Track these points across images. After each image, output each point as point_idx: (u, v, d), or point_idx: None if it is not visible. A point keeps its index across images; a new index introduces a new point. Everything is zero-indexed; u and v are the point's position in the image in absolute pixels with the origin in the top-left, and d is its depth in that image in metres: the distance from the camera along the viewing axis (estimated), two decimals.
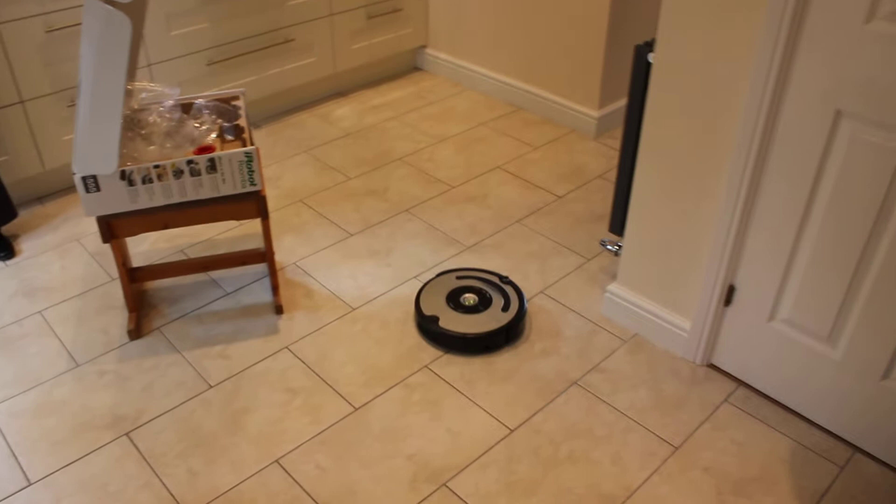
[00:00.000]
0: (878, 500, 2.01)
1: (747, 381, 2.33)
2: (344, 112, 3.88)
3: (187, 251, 2.88)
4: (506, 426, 2.19)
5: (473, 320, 2.45)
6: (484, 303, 2.52)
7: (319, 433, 2.17)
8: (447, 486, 2.03)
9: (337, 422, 2.20)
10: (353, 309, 2.60)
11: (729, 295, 2.24)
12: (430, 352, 2.43)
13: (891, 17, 1.66)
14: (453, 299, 2.53)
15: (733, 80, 1.96)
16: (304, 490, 2.01)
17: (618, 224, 2.56)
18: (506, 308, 2.49)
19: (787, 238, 2.03)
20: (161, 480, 2.04)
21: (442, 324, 2.43)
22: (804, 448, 2.14)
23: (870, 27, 1.69)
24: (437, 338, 2.44)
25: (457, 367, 2.38)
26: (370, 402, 2.26)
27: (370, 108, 3.92)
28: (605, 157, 3.50)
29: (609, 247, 2.63)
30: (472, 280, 2.62)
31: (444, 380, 2.34)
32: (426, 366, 2.38)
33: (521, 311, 2.49)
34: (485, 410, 2.24)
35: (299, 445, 2.13)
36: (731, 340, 2.30)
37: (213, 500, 1.99)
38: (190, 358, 2.41)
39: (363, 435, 2.16)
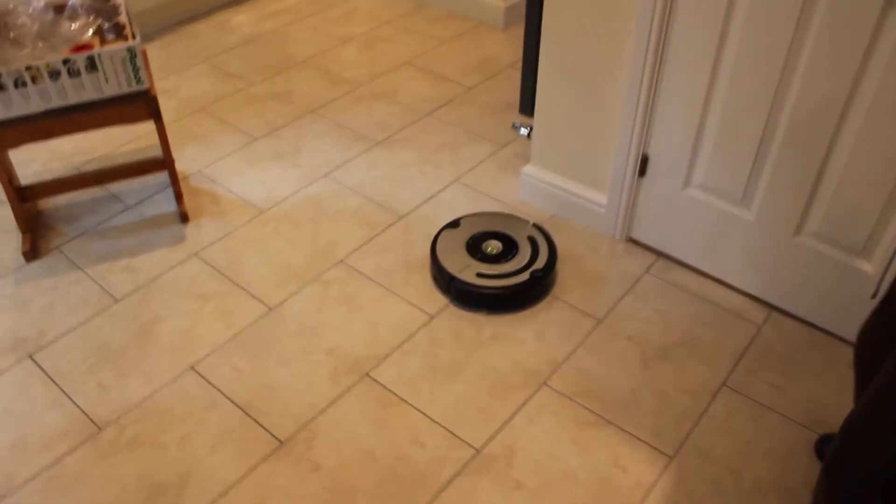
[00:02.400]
0: (794, 353, 2.04)
1: (666, 252, 2.32)
2: (241, 19, 3.70)
3: (83, 169, 2.72)
4: (426, 313, 2.15)
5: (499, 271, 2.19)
6: (508, 252, 2.25)
7: (234, 336, 2.09)
8: (369, 376, 1.98)
9: (252, 323, 2.13)
10: (263, 211, 2.50)
11: (643, 165, 2.21)
12: (344, 247, 2.36)
13: None
14: (475, 247, 2.26)
15: None
16: (222, 393, 1.95)
17: (528, 104, 2.50)
18: (533, 259, 2.22)
19: (696, 102, 2.00)
20: (70, 398, 1.95)
21: (464, 276, 2.16)
22: (724, 311, 2.16)
23: None
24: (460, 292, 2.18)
25: (373, 259, 2.31)
26: (285, 301, 2.19)
27: (269, 14, 3.74)
28: (515, 48, 3.41)
29: (522, 130, 2.57)
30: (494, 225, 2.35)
31: (361, 273, 2.27)
32: (341, 260, 2.31)
33: (553, 259, 2.23)
34: (404, 299, 2.19)
35: (214, 350, 2.06)
36: (649, 212, 2.28)
37: (126, 413, 1.91)
38: (93, 274, 2.29)
39: (280, 334, 2.09)
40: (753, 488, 1.74)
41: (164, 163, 2.42)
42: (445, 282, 2.17)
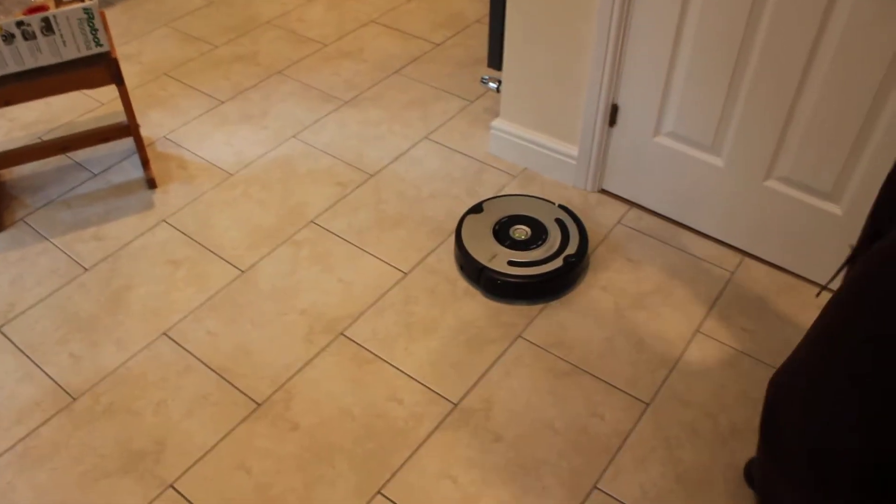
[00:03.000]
0: (766, 298, 2.06)
1: (638, 202, 2.32)
2: None
3: (46, 137, 2.66)
4: (399, 270, 2.14)
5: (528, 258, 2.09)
6: (538, 237, 2.14)
7: (207, 300, 2.07)
8: (344, 335, 1.97)
9: (224, 287, 2.11)
10: (231, 174, 2.47)
11: (613, 115, 2.20)
12: (315, 207, 2.34)
13: None
14: (503, 233, 2.15)
15: None
16: (197, 358, 1.93)
17: (496, 58, 2.47)
18: (565, 243, 2.12)
19: (665, 48, 1.98)
20: (42, 369, 1.92)
21: (494, 265, 2.05)
22: (696, 259, 2.17)
23: None
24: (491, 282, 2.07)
25: (344, 218, 2.29)
26: (257, 263, 2.17)
27: None
28: (482, 3, 3.37)
29: (491, 84, 2.54)
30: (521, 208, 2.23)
31: (333, 232, 2.25)
32: (312, 221, 2.29)
33: (585, 243, 2.13)
34: (377, 258, 2.18)
35: (187, 315, 2.04)
36: (620, 162, 2.27)
37: (100, 381, 1.89)
38: (60, 244, 2.26)
39: (253, 296, 2.08)
40: (729, 432, 1.76)
41: (129, 129, 2.38)
42: (475, 272, 2.06)
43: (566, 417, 1.79)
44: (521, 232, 2.15)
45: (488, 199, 2.25)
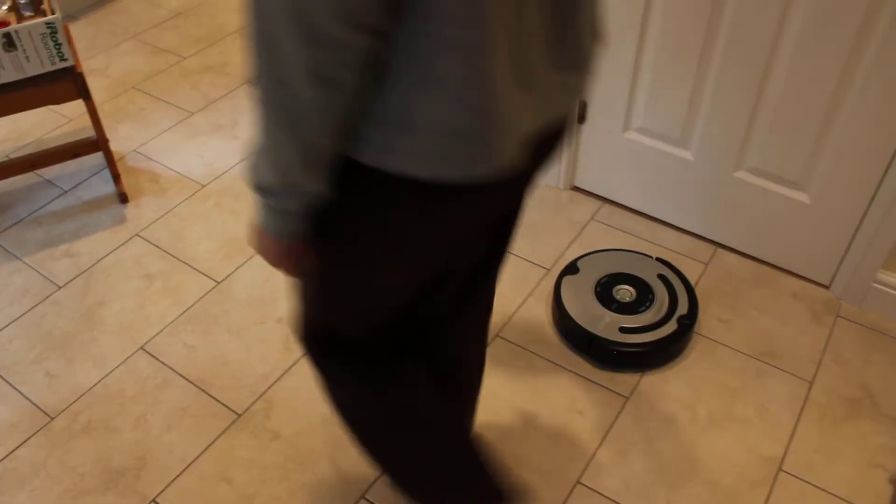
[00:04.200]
0: (739, 286, 2.08)
1: (611, 198, 2.33)
2: None
3: (14, 156, 2.64)
4: None
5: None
6: (645, 297, 1.96)
7: (183, 312, 2.06)
8: None
9: (200, 298, 2.10)
10: (204, 186, 2.46)
11: (582, 111, 2.21)
12: None
13: None
14: (606, 295, 1.97)
15: None
16: (175, 371, 1.92)
17: None
18: (674, 303, 1.94)
19: (630, 44, 2.00)
20: (17, 390, 1.91)
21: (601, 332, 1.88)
22: (671, 252, 2.18)
23: None
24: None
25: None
26: (232, 273, 2.16)
27: None
28: None
29: None
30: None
31: None
32: None
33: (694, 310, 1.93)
34: None
35: (164, 328, 2.02)
36: (591, 159, 2.29)
37: (78, 399, 1.88)
38: (32, 262, 2.23)
39: (229, 307, 2.07)
40: (708, 422, 1.77)
41: (98, 143, 2.36)
42: (584, 340, 1.90)
43: (547, 414, 1.80)
44: (625, 293, 1.96)
45: (582, 257, 2.07)
